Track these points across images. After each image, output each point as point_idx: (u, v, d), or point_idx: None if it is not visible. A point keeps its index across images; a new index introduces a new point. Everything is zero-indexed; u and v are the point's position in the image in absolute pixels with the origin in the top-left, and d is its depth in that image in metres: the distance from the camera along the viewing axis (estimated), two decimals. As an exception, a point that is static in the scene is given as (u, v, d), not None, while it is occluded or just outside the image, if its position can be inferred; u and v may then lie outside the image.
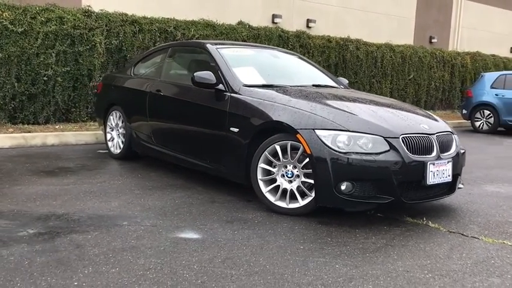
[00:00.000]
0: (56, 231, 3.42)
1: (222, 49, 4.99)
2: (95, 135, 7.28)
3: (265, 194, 4.04)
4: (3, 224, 3.52)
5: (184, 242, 3.30)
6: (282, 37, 11.51)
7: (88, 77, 8.73)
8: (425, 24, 17.21)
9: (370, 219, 3.99)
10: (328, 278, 2.79)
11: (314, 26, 13.96)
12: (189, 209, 4.06)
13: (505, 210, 4.45)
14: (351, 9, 15.00)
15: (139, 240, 3.29)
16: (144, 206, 4.12)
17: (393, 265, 3.03)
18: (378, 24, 15.56)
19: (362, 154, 3.66)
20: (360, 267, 2.97)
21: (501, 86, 11.14)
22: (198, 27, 10.18)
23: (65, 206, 4.02)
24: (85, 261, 2.91)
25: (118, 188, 4.64)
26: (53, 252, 3.02)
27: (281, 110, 4.03)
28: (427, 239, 3.54)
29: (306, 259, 3.08)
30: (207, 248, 3.19)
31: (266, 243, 3.33)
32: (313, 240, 3.42)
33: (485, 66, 16.39)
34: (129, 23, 9.29)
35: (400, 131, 3.82)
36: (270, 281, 2.73)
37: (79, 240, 3.25)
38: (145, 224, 3.64)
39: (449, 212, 4.27)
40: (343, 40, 12.68)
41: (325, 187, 3.70)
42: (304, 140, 3.76)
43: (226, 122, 4.39)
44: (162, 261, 2.95)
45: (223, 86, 4.55)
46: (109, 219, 3.73)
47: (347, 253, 3.21)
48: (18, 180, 4.81)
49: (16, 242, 3.19)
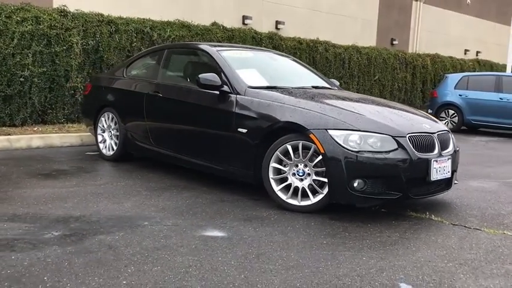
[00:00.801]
0: (80, 232, 3.44)
1: (222, 51, 5.09)
2: (79, 137, 7.21)
3: (277, 192, 4.18)
4: (25, 227, 3.51)
5: (212, 240, 3.40)
6: (255, 38, 11.67)
7: (65, 77, 8.60)
8: (387, 26, 17.75)
9: (376, 214, 4.19)
10: (361, 270, 2.96)
11: (283, 27, 14.18)
12: (203, 209, 4.15)
13: (494, 203, 4.75)
14: (318, 11, 15.31)
15: (168, 240, 3.36)
16: (157, 206, 4.18)
17: (414, 256, 3.23)
18: (343, 27, 15.95)
19: (373, 153, 3.85)
20: (385, 259, 3.16)
21: (464, 87, 11.67)
22: (174, 28, 10.20)
23: (78, 208, 4.03)
24: (124, 261, 2.97)
25: (124, 190, 4.67)
26: (88, 253, 3.06)
27: (291, 111, 4.18)
28: (435, 232, 3.77)
29: (333, 253, 3.23)
30: (237, 245, 3.30)
31: (289, 239, 3.47)
32: (333, 235, 3.58)
33: (444, 67, 17.07)
34: (106, 23, 9.21)
35: (406, 131, 4.04)
36: (309, 274, 2.87)
37: (108, 241, 3.29)
38: (166, 224, 3.71)
39: (446, 206, 4.53)
40: (313, 42, 12.96)
41: (339, 185, 3.87)
42: (318, 139, 3.92)
43: (234, 123, 4.49)
44: (199, 259, 3.03)
45: (228, 87, 4.65)
46: (128, 219, 3.78)
47: (368, 246, 3.39)
48: (20, 183, 4.76)
49: (46, 244, 3.20)
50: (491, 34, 22.96)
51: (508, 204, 4.73)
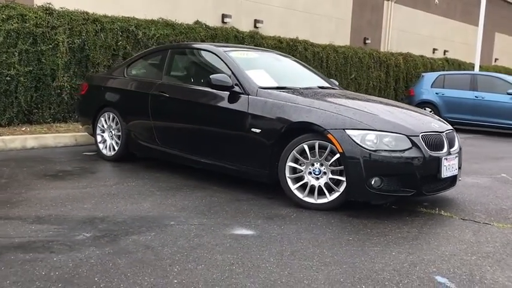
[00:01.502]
0: (111, 233, 3.47)
1: (230, 52, 5.17)
2: (73, 137, 7.15)
3: (294, 191, 4.29)
4: (53, 229, 3.52)
5: (244, 238, 3.48)
6: (237, 37, 11.73)
7: (51, 76, 8.49)
8: (360, 25, 18.07)
9: (389, 211, 4.35)
10: (395, 265, 3.10)
11: (261, 26, 14.28)
12: (222, 208, 4.22)
13: (493, 198, 4.98)
14: (295, 10, 15.48)
15: (201, 239, 3.43)
16: (175, 206, 4.23)
17: (439, 250, 3.40)
18: (319, 26, 16.17)
19: (390, 151, 4.01)
20: (413, 254, 3.31)
21: (441, 86, 12.05)
22: (158, 27, 10.17)
23: (98, 209, 4.05)
24: (166, 260, 3.03)
25: (136, 190, 4.69)
26: (128, 254, 3.10)
27: (307, 112, 4.29)
28: (449, 227, 3.95)
29: (362, 249, 3.37)
30: (268, 243, 3.39)
31: (316, 236, 3.59)
32: (356, 232, 3.72)
33: (416, 66, 17.50)
34: (91, 22, 9.12)
35: (419, 130, 4.21)
36: (348, 270, 2.99)
37: (143, 241, 3.33)
38: (193, 223, 3.77)
39: (450, 202, 4.73)
40: (293, 41, 13.11)
41: (357, 183, 4.01)
42: (336, 139, 4.04)
43: (247, 123, 4.57)
44: (238, 257, 3.12)
45: (239, 88, 4.73)
46: (153, 219, 3.82)
47: (393, 242, 3.53)
48: (30, 185, 4.72)
49: (81, 245, 3.22)
50: (457, 33, 23.64)
51: (506, 199, 4.97)
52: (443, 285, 2.83)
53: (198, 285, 2.70)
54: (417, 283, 2.84)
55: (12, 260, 2.94)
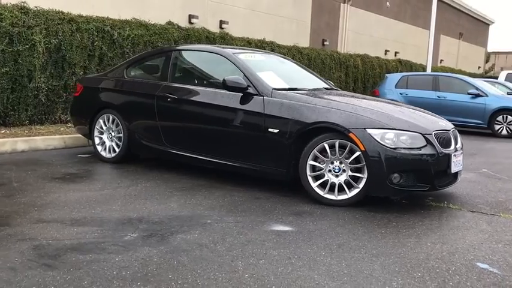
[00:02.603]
0: (157, 233, 3.53)
1: (238, 54, 5.28)
2: (62, 139, 7.04)
3: (315, 188, 4.47)
4: (96, 231, 3.54)
5: (285, 234, 3.63)
6: (209, 38, 11.82)
7: (28, 78, 8.30)
8: (319, 27, 18.51)
9: (402, 205, 4.61)
10: (436, 254, 3.34)
11: (227, 27, 14.39)
12: (247, 206, 4.34)
13: (487, 192, 5.35)
14: (258, 12, 15.68)
15: (246, 235, 3.55)
16: (202, 205, 4.31)
17: (466, 240, 3.66)
18: (281, 27, 16.45)
19: (408, 149, 4.26)
20: (446, 244, 3.56)
21: (404, 86, 12.58)
22: (132, 27, 10.11)
23: (128, 210, 4.08)
24: (225, 256, 3.13)
25: (154, 191, 4.73)
26: (185, 252, 3.19)
27: (326, 112, 4.49)
28: (464, 219, 4.24)
29: (399, 240, 3.59)
30: (312, 238, 3.56)
31: (351, 230, 3.78)
32: (385, 226, 3.94)
33: (372, 67, 18.14)
34: (67, 22, 8.97)
35: (431, 128, 4.50)
36: (397, 260, 3.20)
37: (192, 239, 3.42)
38: (229, 221, 3.88)
39: (452, 196, 5.05)
40: (260, 42, 13.33)
41: (379, 179, 4.24)
42: (358, 138, 4.26)
43: (264, 124, 4.71)
44: (291, 251, 3.26)
45: (253, 89, 4.87)
46: (189, 218, 3.90)
47: (422, 234, 3.78)
48: (45, 188, 4.67)
49: (135, 245, 3.28)
50: (407, 35, 24.61)
51: (498, 192, 5.34)
52: (486, 270, 3.09)
53: (269, 278, 2.83)
54: (464, 270, 3.08)
55: (75, 262, 2.96)
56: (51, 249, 3.14)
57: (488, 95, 11.63)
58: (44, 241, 3.28)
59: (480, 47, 36.07)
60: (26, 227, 3.55)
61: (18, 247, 3.16)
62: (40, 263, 2.93)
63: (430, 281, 2.89)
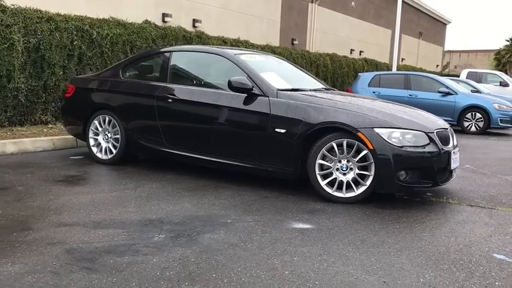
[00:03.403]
0: (183, 233, 3.58)
1: (240, 55, 5.36)
2: (51, 140, 6.93)
3: (324, 186, 4.60)
4: (122, 233, 3.56)
5: (308, 231, 3.74)
6: (185, 37, 11.81)
7: (7, 78, 8.13)
8: (288, 27, 18.72)
9: (404, 201, 4.79)
10: (453, 247, 3.52)
11: (200, 25, 14.40)
12: (260, 205, 4.43)
13: (477, 187, 5.60)
14: (230, 10, 15.74)
15: (270, 234, 3.64)
16: (215, 205, 4.38)
17: (476, 233, 3.86)
18: (252, 26, 16.57)
19: (414, 147, 4.45)
20: (459, 237, 3.75)
21: (377, 85, 12.91)
22: (111, 26, 10.02)
23: (145, 211, 4.10)
24: (259, 254, 3.22)
25: (163, 192, 4.76)
26: (219, 251, 3.25)
27: (333, 112, 4.62)
28: (467, 213, 4.45)
29: (415, 235, 3.76)
30: (333, 234, 3.68)
31: (369, 226, 3.92)
32: (397, 221, 4.11)
33: (341, 66, 18.49)
34: (45, 20, 8.81)
35: (433, 127, 4.70)
36: (421, 253, 3.36)
37: (220, 239, 3.48)
38: (248, 220, 3.96)
39: (447, 191, 5.27)
40: (235, 41, 13.41)
41: (387, 176, 4.41)
42: (366, 137, 4.41)
43: (270, 124, 4.81)
44: (319, 248, 3.37)
45: (257, 90, 4.95)
46: (209, 218, 3.96)
47: (434, 228, 3.96)
48: (51, 191, 4.63)
49: (166, 246, 3.32)
50: (371, 35, 25.15)
51: (487, 187, 5.61)
52: (505, 261, 3.29)
53: (309, 274, 2.93)
54: (484, 261, 3.27)
55: (114, 264, 2.99)
56: (84, 253, 3.15)
57: (458, 93, 12.07)
58: (74, 245, 3.28)
59: (438, 46, 37.20)
60: (50, 231, 3.53)
61: (50, 251, 3.15)
62: (80, 266, 2.94)
63: (458, 272, 3.05)
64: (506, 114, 11.69)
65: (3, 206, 4.08)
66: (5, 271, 2.83)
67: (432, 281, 2.91)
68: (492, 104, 11.79)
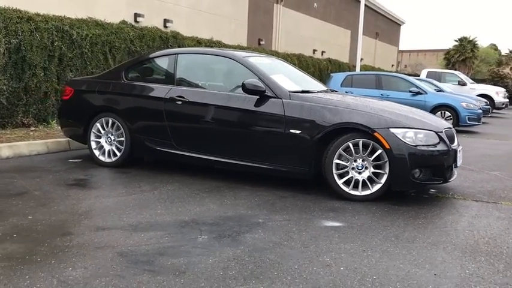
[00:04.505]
0: (224, 234, 3.65)
1: (249, 58, 5.45)
2: (45, 144, 6.79)
3: (341, 185, 4.76)
4: (164, 235, 3.59)
5: (340, 229, 3.88)
6: (162, 37, 11.75)
7: (-12, 80, 7.90)
8: (255, 27, 18.87)
9: (413, 198, 5.01)
10: (481, 239, 3.74)
11: (171, 25, 14.36)
12: (283, 204, 4.54)
13: (472, 183, 5.90)
14: (200, 11, 15.75)
15: (307, 232, 3.76)
16: (239, 205, 4.46)
17: (494, 226, 4.11)
18: (221, 26, 16.62)
19: (426, 146, 4.67)
20: (481, 230, 3.98)
21: (349, 85, 13.23)
22: (90, 26, 9.87)
23: (174, 212, 4.14)
24: (307, 252, 3.33)
25: (182, 193, 4.79)
26: (268, 250, 3.34)
27: (348, 113, 4.79)
28: (476, 208, 4.71)
29: (440, 230, 3.96)
30: (365, 231, 3.84)
31: (393, 222, 4.10)
32: (416, 217, 4.30)
33: (308, 66, 18.79)
34: (26, 21, 8.61)
35: (442, 127, 4.94)
36: (454, 247, 3.56)
37: (262, 238, 3.57)
38: (278, 220, 4.07)
39: (447, 188, 5.53)
40: (209, 42, 13.42)
41: (402, 174, 4.61)
42: (383, 137, 4.60)
43: (284, 125, 4.93)
44: (359, 245, 3.52)
45: (270, 92, 5.06)
46: (240, 218, 4.05)
47: (454, 222, 4.18)
48: (70, 195, 4.59)
49: (213, 246, 3.38)
50: (332, 35, 25.63)
51: (481, 182, 5.92)
52: (531, 251, 3.53)
53: (363, 270, 3.07)
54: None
55: (172, 265, 3.03)
56: (138, 256, 3.17)
57: (428, 93, 12.55)
58: (123, 248, 3.30)
59: (393, 46, 38.28)
60: (92, 235, 3.53)
61: (103, 255, 3.16)
62: (141, 269, 2.97)
63: (496, 263, 3.27)
64: (473, 113, 12.24)
65: (31, 212, 4.03)
66: (69, 276, 2.83)
67: (477, 272, 3.10)
68: (460, 102, 12.32)
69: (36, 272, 2.87)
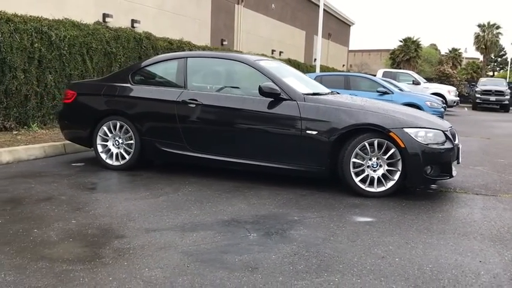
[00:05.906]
0: (269, 231, 3.83)
1: (260, 62, 5.63)
2: (42, 148, 6.69)
3: (357, 183, 5.03)
4: (216, 235, 3.72)
5: (373, 223, 4.13)
6: (136, 38, 11.69)
7: (-30, 83, 7.69)
8: (218, 27, 18.97)
9: (420, 193, 5.35)
10: (500, 229, 4.09)
11: (138, 26, 14.28)
12: (307, 202, 4.76)
13: (468, 177, 6.30)
14: (165, 11, 15.72)
15: (346, 228, 3.99)
16: (266, 204, 4.63)
17: (506, 217, 4.48)
18: (186, 26, 16.65)
19: (436, 144, 5.00)
20: (495, 221, 4.34)
21: (319, 85, 13.58)
22: (67, 27, 9.74)
23: (210, 212, 4.27)
24: (357, 246, 3.55)
25: (205, 194, 4.90)
26: (320, 245, 3.54)
27: (364, 114, 5.06)
28: (480, 201, 5.08)
29: (461, 221, 4.28)
30: (397, 225, 4.11)
31: (417, 216, 4.39)
32: (434, 211, 4.62)
33: (270, 66, 19.04)
34: (5, 22, 8.42)
35: (446, 126, 5.30)
36: (482, 237, 3.88)
37: (308, 235, 3.77)
38: (312, 217, 4.28)
39: (445, 183, 5.91)
40: (180, 42, 13.45)
41: (416, 171, 4.92)
42: (398, 137, 4.89)
43: (300, 126, 5.14)
44: (400, 238, 3.78)
45: (285, 95, 5.27)
46: (275, 216, 4.23)
47: (470, 214, 4.52)
48: (97, 199, 4.62)
49: (268, 244, 3.56)
50: (288, 36, 26.06)
51: (473, 177, 6.34)
52: (550, 238, 3.91)
53: (416, 260, 3.33)
54: (535, 239, 3.87)
55: (241, 262, 3.18)
56: (203, 254, 3.30)
57: (394, 93, 13.10)
58: (184, 247, 3.41)
59: (344, 47, 39.26)
60: (146, 236, 3.61)
61: (169, 255, 3.27)
62: (214, 266, 3.10)
63: (527, 249, 3.61)
64: (437, 111, 12.86)
65: (71, 216, 4.05)
66: (151, 276, 2.93)
67: (514, 258, 3.43)
68: (425, 101, 12.93)
69: (117, 274, 2.94)
